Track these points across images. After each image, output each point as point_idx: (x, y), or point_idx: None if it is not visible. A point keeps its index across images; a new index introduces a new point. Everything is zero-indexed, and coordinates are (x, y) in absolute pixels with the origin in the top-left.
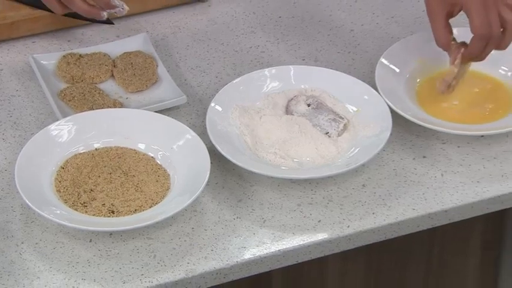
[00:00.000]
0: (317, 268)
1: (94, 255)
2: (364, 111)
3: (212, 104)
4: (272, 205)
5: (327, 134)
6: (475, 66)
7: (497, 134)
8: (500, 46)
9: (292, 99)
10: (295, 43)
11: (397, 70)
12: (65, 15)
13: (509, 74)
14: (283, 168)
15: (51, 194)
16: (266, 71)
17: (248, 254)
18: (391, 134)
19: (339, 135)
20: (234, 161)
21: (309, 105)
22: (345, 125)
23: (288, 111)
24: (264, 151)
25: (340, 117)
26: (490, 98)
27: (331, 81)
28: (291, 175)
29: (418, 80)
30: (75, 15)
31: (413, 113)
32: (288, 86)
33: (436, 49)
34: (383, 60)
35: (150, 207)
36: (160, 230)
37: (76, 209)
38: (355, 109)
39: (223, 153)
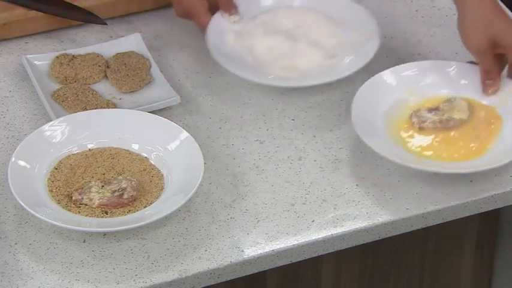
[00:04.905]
0: (312, 268)
1: (88, 256)
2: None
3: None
4: (266, 205)
5: None
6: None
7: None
8: None
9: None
10: None
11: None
12: (57, 15)
13: None
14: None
15: (44, 194)
16: None
17: (242, 254)
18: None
19: None
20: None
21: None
22: None
23: None
24: (269, 66)
25: None
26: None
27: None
28: (290, 84)
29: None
30: (67, 16)
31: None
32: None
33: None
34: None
35: (143, 208)
36: (154, 231)
37: (69, 210)
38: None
39: (226, 66)
